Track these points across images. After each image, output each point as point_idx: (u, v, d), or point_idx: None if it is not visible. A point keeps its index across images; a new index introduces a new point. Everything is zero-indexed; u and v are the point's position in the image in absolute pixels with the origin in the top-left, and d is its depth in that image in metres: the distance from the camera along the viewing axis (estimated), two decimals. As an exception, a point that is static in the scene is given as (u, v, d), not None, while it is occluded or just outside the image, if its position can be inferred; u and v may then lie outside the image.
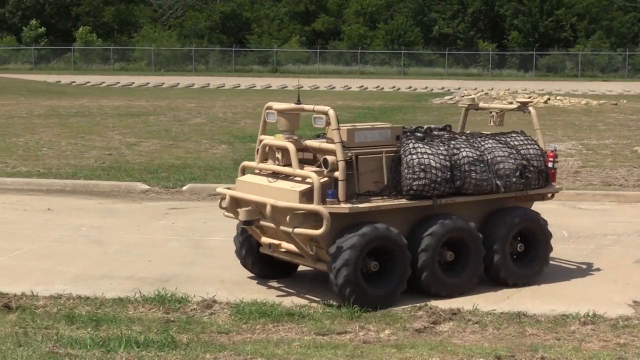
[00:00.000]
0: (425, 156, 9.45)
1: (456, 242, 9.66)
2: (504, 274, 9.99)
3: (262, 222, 9.53)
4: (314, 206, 9.02)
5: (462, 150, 9.75)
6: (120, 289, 9.93)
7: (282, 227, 9.26)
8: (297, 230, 9.11)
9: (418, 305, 9.33)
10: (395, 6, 76.47)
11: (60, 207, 14.66)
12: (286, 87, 52.22)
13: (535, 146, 10.33)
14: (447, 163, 9.56)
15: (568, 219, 13.90)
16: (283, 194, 9.34)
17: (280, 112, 9.68)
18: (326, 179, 9.23)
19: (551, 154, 10.56)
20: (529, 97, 38.34)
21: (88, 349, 7.71)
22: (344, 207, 9.10)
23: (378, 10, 75.75)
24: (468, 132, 10.75)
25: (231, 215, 10.06)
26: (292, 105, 9.69)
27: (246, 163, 10.44)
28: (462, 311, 9.10)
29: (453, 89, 50.40)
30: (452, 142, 9.82)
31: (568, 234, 12.93)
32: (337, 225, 9.04)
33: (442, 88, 51.81)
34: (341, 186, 9.14)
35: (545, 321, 8.87)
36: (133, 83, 53.81)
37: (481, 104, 11.47)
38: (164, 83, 53.82)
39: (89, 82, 54.33)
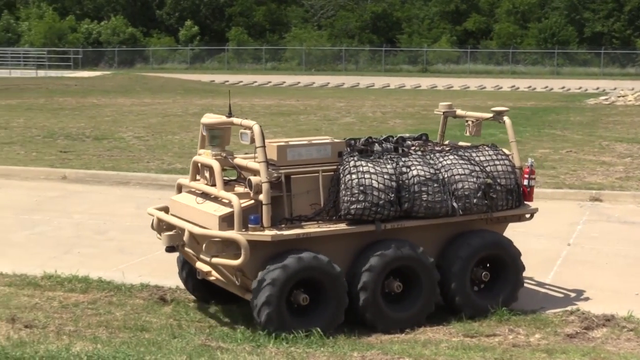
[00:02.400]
0: (366, 176, 8.38)
1: (404, 270, 8.62)
2: (460, 303, 8.84)
3: (186, 248, 8.67)
4: (230, 233, 8.09)
5: (412, 168, 8.63)
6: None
7: (201, 256, 8.43)
8: (214, 260, 8.23)
9: (569, 309, 9.12)
10: (549, 5, 74.89)
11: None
12: (436, 87, 51.90)
13: (506, 162, 9.09)
14: (393, 183, 8.47)
15: None
16: (205, 218, 8.44)
17: (209, 127, 8.83)
18: (252, 202, 8.27)
19: (527, 170, 9.32)
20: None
21: (238, 343, 7.88)
22: (266, 234, 8.11)
23: (531, 8, 74.35)
24: (443, 143, 9.95)
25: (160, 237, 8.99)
26: (221, 119, 8.84)
27: (181, 181, 9.43)
28: (616, 317, 8.82)
29: (609, 89, 48.90)
30: (403, 159, 8.72)
31: None
32: (261, 254, 8.16)
33: (597, 88, 50.36)
34: (265, 210, 8.13)
35: None
36: (284, 82, 54.58)
37: (458, 111, 10.20)
38: (314, 82, 54.36)
39: (241, 82, 55.44)
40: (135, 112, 30.89)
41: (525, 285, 9.61)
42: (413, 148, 9.19)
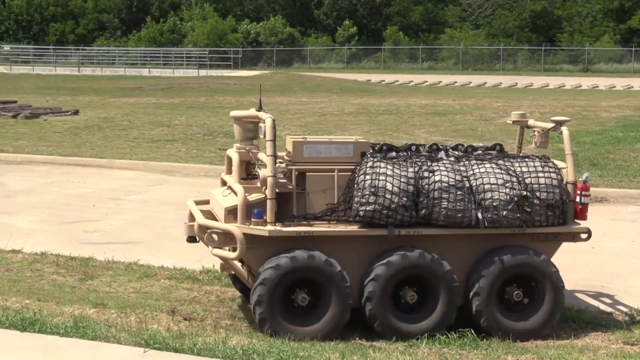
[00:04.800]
0: (381, 177, 8.01)
1: (418, 280, 8.19)
2: (486, 324, 8.24)
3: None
4: (226, 225, 8.08)
5: (436, 174, 8.16)
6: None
7: (209, 247, 8.41)
8: (214, 251, 8.27)
9: None
10: None
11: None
12: (597, 87, 50.46)
13: (552, 175, 8.41)
14: (410, 187, 8.04)
15: None
16: (219, 210, 8.52)
17: (236, 120, 8.72)
18: (262, 196, 8.14)
19: (580, 186, 8.57)
20: None
21: (391, 342, 7.89)
22: (264, 229, 7.95)
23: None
24: (514, 152, 9.28)
25: None
26: (245, 113, 8.73)
27: (222, 174, 9.44)
28: None
29: None
30: (430, 163, 8.28)
31: None
32: (266, 251, 8.04)
33: None
34: (269, 205, 7.97)
35: None
36: (440, 82, 54.27)
37: (530, 121, 9.50)
38: (471, 82, 53.83)
39: (397, 81, 55.45)
40: (292, 111, 31.34)
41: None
42: (454, 154, 8.65)
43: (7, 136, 23.70)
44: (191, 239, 8.75)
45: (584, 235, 8.69)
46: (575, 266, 10.83)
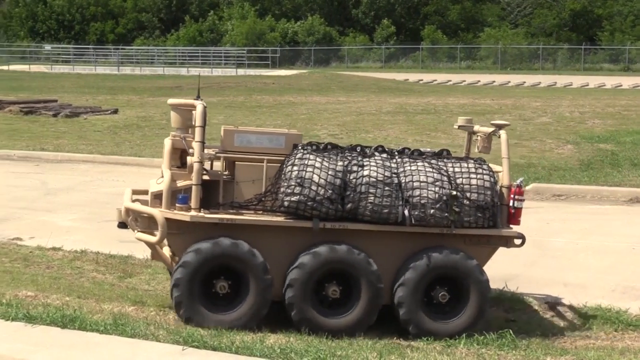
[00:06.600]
0: (308, 169, 7.98)
1: (343, 275, 8.10)
2: (405, 319, 8.13)
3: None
4: (149, 209, 8.19)
5: (365, 168, 8.09)
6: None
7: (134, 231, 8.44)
8: (137, 235, 8.33)
9: None
10: None
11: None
12: (638, 86, 49.90)
13: (485, 177, 8.26)
14: (338, 180, 8.00)
15: None
16: (150, 195, 8.56)
17: (173, 108, 8.64)
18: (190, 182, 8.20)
19: (514, 190, 8.41)
20: None
21: (429, 342, 7.87)
22: (185, 214, 8.01)
23: None
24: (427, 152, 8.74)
25: None
26: (181, 101, 8.70)
27: None
28: None
29: None
30: (360, 158, 8.22)
31: None
32: (190, 237, 8.06)
33: None
34: (194, 191, 8.03)
35: None
36: (479, 81, 53.97)
37: (475, 127, 9.29)
38: (509, 81, 53.46)
39: (435, 80, 55.24)
40: (330, 110, 31.34)
41: None
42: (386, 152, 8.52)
43: (47, 135, 23.95)
44: (122, 225, 8.73)
45: (517, 241, 8.47)
46: (617, 267, 10.75)
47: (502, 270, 10.70)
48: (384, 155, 8.39)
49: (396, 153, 8.52)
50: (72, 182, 16.92)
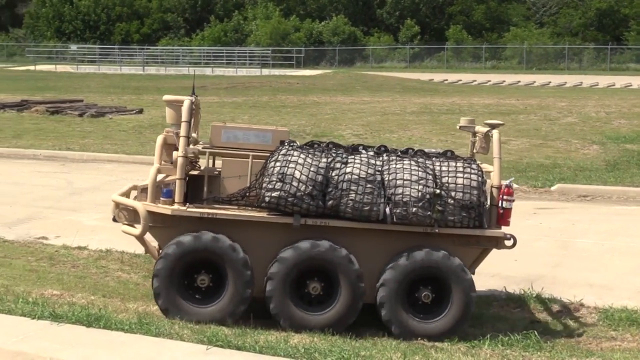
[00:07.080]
0: (291, 165, 7.99)
1: (324, 273, 8.07)
2: (386, 318, 8.06)
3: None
4: (132, 202, 8.41)
5: (348, 165, 8.04)
6: (486, 286, 9.97)
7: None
8: (122, 227, 8.52)
9: None
10: None
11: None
12: (664, 86, 49.57)
13: (473, 176, 8.10)
14: (319, 177, 7.97)
15: None
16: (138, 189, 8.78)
17: (168, 104, 8.71)
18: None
19: (503, 190, 8.26)
20: None
21: (453, 343, 7.85)
22: (167, 208, 8.14)
23: None
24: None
25: None
26: (174, 97, 8.73)
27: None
28: None
29: None
30: (344, 155, 8.18)
31: None
32: (173, 230, 8.17)
33: None
34: (178, 185, 8.16)
35: None
36: (504, 81, 53.76)
37: (477, 127, 9.04)
38: (535, 81, 53.23)
39: (460, 80, 55.08)
40: (354, 110, 31.33)
41: None
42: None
43: (73, 134, 24.09)
44: (114, 219, 8.83)
45: (508, 242, 8.32)
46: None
47: (527, 270, 10.67)
48: (370, 153, 8.35)
49: (384, 151, 8.47)
50: (98, 182, 17.01)
